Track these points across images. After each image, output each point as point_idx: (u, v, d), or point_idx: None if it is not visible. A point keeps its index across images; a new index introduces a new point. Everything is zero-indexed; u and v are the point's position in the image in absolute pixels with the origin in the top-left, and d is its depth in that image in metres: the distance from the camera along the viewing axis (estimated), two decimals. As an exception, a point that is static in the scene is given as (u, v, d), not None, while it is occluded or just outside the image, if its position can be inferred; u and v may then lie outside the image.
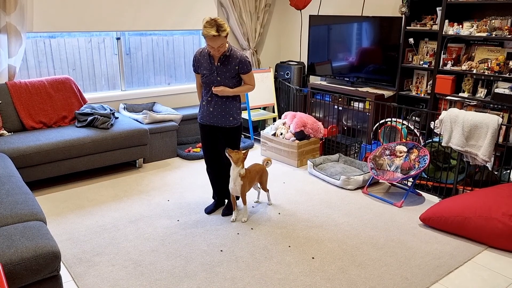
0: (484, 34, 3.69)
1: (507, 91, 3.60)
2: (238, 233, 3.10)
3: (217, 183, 3.43)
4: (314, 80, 5.54)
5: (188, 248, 2.90)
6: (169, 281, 2.55)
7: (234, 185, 3.18)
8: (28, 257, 2.01)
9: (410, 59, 4.37)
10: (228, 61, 3.04)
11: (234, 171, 3.15)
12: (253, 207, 3.54)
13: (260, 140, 4.90)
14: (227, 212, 3.38)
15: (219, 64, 3.05)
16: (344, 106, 4.78)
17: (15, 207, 2.44)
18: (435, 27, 4.06)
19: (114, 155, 4.06)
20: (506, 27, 3.59)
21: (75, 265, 2.69)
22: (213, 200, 3.59)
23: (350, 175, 3.96)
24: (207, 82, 3.12)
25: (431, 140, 3.83)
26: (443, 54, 4.03)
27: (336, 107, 4.88)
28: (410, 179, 3.90)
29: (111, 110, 4.31)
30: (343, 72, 4.93)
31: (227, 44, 3.00)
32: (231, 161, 3.14)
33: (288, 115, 4.68)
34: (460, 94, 3.97)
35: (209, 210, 3.41)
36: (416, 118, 4.34)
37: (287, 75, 5.51)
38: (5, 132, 3.86)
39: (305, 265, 2.72)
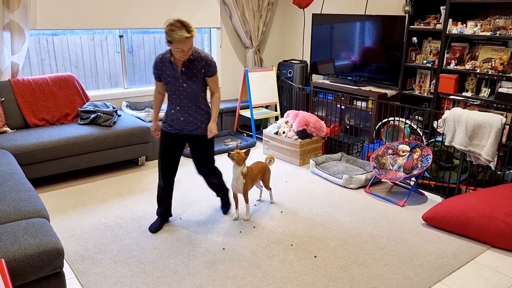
0: (488, 34, 3.68)
1: (510, 91, 3.59)
2: (240, 231, 3.10)
3: (169, 197, 3.16)
4: (317, 79, 5.53)
5: (190, 246, 2.90)
6: (171, 278, 2.55)
7: (236, 183, 3.18)
8: (31, 253, 2.01)
9: (414, 58, 4.36)
10: (193, 65, 2.82)
11: (236, 170, 3.15)
12: (255, 205, 3.54)
13: (262, 138, 4.90)
14: (225, 208, 3.37)
15: (183, 69, 2.82)
16: (346, 105, 4.77)
17: (18, 204, 2.44)
18: (439, 26, 4.05)
19: (117, 153, 4.07)
20: (510, 27, 3.58)
21: (77, 262, 2.69)
22: (157, 217, 3.22)
23: (353, 174, 3.95)
24: (173, 89, 2.88)
25: (434, 140, 3.82)
26: (447, 53, 4.02)
27: (338, 106, 4.87)
28: (413, 179, 3.90)
29: (113, 107, 4.31)
30: (346, 71, 4.92)
31: None
32: (233, 162, 3.13)
33: (290, 113, 4.68)
34: (464, 94, 3.96)
35: (155, 228, 3.08)
36: (419, 117, 4.33)
37: (290, 74, 5.51)
38: (8, 129, 3.87)
39: (307, 263, 2.72)
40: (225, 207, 3.39)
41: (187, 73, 2.84)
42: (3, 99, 3.91)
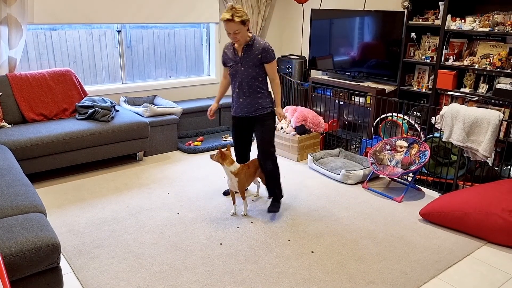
0: (487, 29, 3.67)
1: (508, 87, 3.58)
2: (238, 227, 3.11)
3: None
4: (316, 74, 5.52)
5: (188, 241, 2.91)
6: (168, 273, 2.56)
7: (231, 182, 3.18)
8: (28, 248, 2.02)
9: (412, 54, 4.35)
10: (251, 50, 3.10)
11: (225, 170, 3.15)
12: (253, 201, 3.54)
13: (260, 134, 4.89)
14: (275, 207, 3.30)
15: (242, 54, 3.12)
16: (345, 101, 4.76)
17: (15, 199, 2.45)
18: (438, 22, 4.04)
19: (115, 148, 4.06)
20: (508, 22, 3.57)
21: (75, 257, 2.70)
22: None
23: (351, 169, 3.95)
24: (233, 73, 3.20)
25: (431, 135, 3.82)
26: (445, 49, 4.01)
27: (337, 101, 4.87)
28: (410, 174, 3.90)
29: (111, 103, 4.30)
30: (345, 67, 4.91)
31: (250, 34, 3.09)
32: (219, 163, 3.15)
33: (289, 109, 4.68)
34: (462, 90, 3.95)
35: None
36: (417, 113, 4.33)
37: (288, 69, 5.50)
38: (5, 124, 3.86)
39: (304, 259, 2.73)
40: (274, 206, 3.31)
41: (245, 57, 3.13)
42: (0, 94, 3.90)
